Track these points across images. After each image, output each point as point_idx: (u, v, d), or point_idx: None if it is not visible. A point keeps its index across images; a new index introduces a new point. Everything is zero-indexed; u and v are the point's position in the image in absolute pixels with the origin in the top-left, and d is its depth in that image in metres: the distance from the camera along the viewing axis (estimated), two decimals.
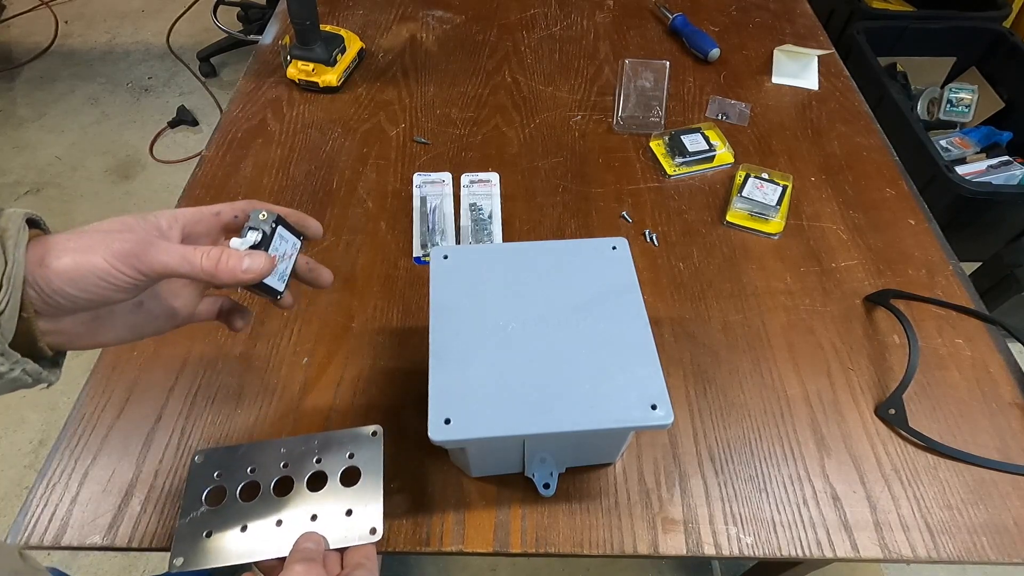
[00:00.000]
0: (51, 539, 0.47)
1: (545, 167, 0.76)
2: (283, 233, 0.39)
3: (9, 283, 0.29)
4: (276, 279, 0.39)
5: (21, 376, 0.31)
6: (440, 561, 1.16)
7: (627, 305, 0.46)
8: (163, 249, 0.32)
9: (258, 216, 0.38)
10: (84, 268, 0.31)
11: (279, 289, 0.39)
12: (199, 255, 0.33)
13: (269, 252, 0.37)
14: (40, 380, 0.33)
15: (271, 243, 0.37)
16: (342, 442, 0.48)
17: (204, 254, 0.33)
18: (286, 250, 0.39)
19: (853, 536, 0.48)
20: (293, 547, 0.42)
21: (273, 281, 0.38)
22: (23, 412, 1.35)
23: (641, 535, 0.48)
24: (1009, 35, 1.64)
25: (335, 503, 0.45)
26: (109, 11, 2.43)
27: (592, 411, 0.40)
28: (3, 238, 0.30)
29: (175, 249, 0.33)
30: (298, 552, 0.41)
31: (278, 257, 0.38)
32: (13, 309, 0.30)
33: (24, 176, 1.83)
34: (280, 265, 0.38)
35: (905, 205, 0.73)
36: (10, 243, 0.30)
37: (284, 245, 0.39)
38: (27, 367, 0.31)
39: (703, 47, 0.91)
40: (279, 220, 0.38)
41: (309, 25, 0.80)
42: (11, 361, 0.30)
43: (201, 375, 0.56)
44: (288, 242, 0.39)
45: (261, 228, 0.37)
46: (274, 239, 0.38)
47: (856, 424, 0.54)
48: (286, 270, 0.40)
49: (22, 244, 0.30)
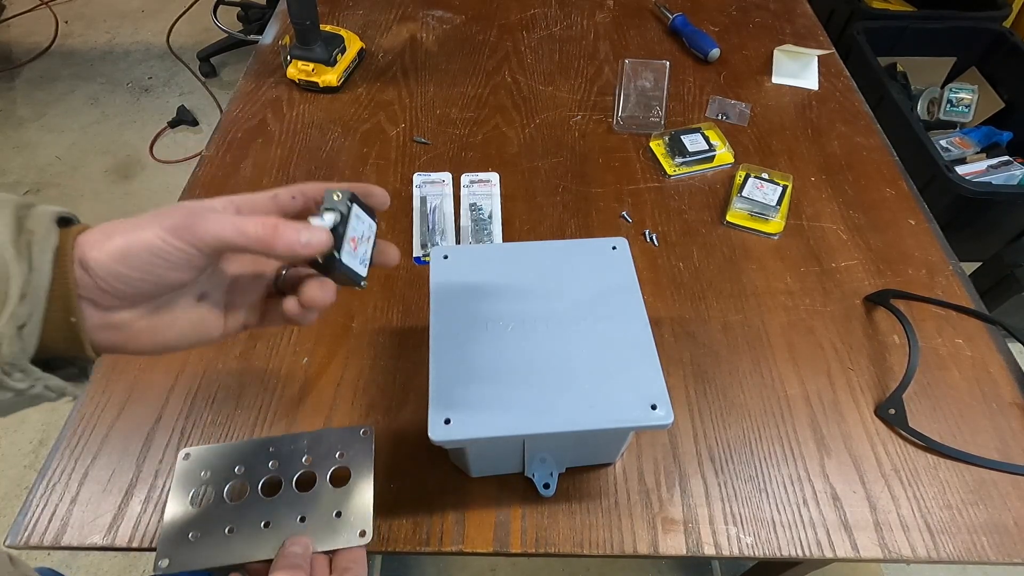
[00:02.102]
0: (51, 539, 0.47)
1: (545, 167, 0.76)
2: (359, 213, 0.35)
3: (34, 293, 0.27)
4: (358, 262, 0.35)
5: (44, 392, 0.29)
6: (440, 561, 1.16)
7: (627, 305, 0.46)
8: (214, 220, 0.30)
9: (332, 196, 0.34)
10: (136, 245, 0.29)
11: (362, 273, 0.36)
12: (252, 223, 0.30)
13: (348, 234, 0.34)
14: (64, 395, 0.31)
15: (348, 223, 0.34)
16: (332, 441, 0.48)
17: (259, 222, 0.30)
18: (363, 231, 0.36)
19: (853, 536, 0.48)
20: (279, 552, 0.41)
21: (355, 264, 0.35)
22: (23, 412, 1.33)
23: (641, 535, 0.48)
24: (1009, 35, 1.64)
25: (324, 504, 0.44)
26: (109, 11, 2.43)
27: (592, 411, 0.40)
28: (30, 243, 0.27)
29: (227, 219, 0.30)
30: (284, 559, 0.40)
31: (357, 239, 0.35)
32: (36, 322, 0.27)
33: (24, 176, 1.83)
34: (360, 248, 0.36)
35: (905, 205, 0.73)
36: (36, 248, 0.27)
37: (361, 226, 0.36)
38: (50, 383, 0.29)
39: (703, 47, 0.91)
40: (354, 199, 0.35)
41: (309, 25, 0.80)
42: (32, 378, 0.28)
43: (201, 375, 0.56)
44: (364, 223, 0.36)
45: (338, 209, 0.34)
46: (351, 219, 0.34)
47: (856, 424, 0.54)
48: (366, 253, 0.37)
49: (48, 250, 0.27)
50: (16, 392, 0.28)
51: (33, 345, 0.28)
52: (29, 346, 0.28)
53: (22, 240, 0.27)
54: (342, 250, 0.34)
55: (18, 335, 0.27)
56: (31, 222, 0.28)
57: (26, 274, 0.27)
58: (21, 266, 0.27)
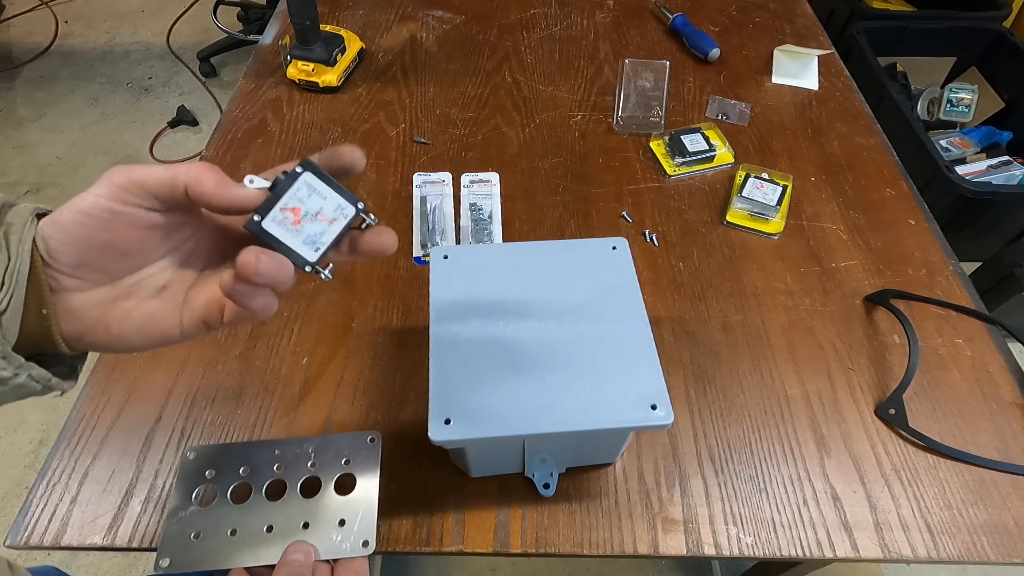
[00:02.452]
0: (51, 539, 0.47)
1: (545, 167, 0.76)
2: (313, 183, 0.31)
3: (12, 280, 0.28)
4: (300, 240, 0.31)
5: (27, 382, 0.29)
6: (440, 561, 1.16)
7: (627, 305, 0.46)
8: (147, 167, 0.30)
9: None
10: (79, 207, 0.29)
11: (304, 255, 0.31)
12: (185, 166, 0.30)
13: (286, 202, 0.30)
14: (51, 387, 0.31)
15: (288, 191, 0.30)
16: (338, 447, 0.47)
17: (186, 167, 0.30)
18: (318, 207, 0.31)
19: (853, 536, 0.48)
20: (282, 558, 0.41)
21: (292, 240, 0.31)
22: (23, 412, 1.35)
23: (641, 535, 0.48)
24: (1009, 35, 1.64)
25: (328, 512, 0.44)
26: (109, 11, 2.43)
27: (592, 411, 0.40)
28: (7, 233, 0.29)
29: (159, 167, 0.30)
30: (287, 566, 0.40)
31: (303, 213, 0.31)
32: (16, 309, 0.28)
33: (24, 176, 1.83)
34: (309, 225, 0.31)
35: (905, 205, 0.73)
36: (14, 238, 0.28)
37: (315, 200, 0.31)
38: (32, 372, 0.30)
39: (703, 47, 0.91)
40: (309, 166, 0.31)
41: (309, 25, 0.80)
42: (14, 365, 0.28)
43: (201, 375, 0.56)
44: (326, 199, 0.31)
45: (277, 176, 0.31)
46: (295, 187, 0.30)
47: (856, 424, 0.54)
48: (322, 234, 0.32)
49: (27, 240, 0.28)
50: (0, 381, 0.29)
51: (14, 333, 0.29)
52: (10, 333, 0.28)
53: (1, 231, 0.29)
54: (267, 215, 0.30)
55: None
56: (11, 215, 0.29)
57: (5, 263, 0.28)
58: (0, 255, 0.28)
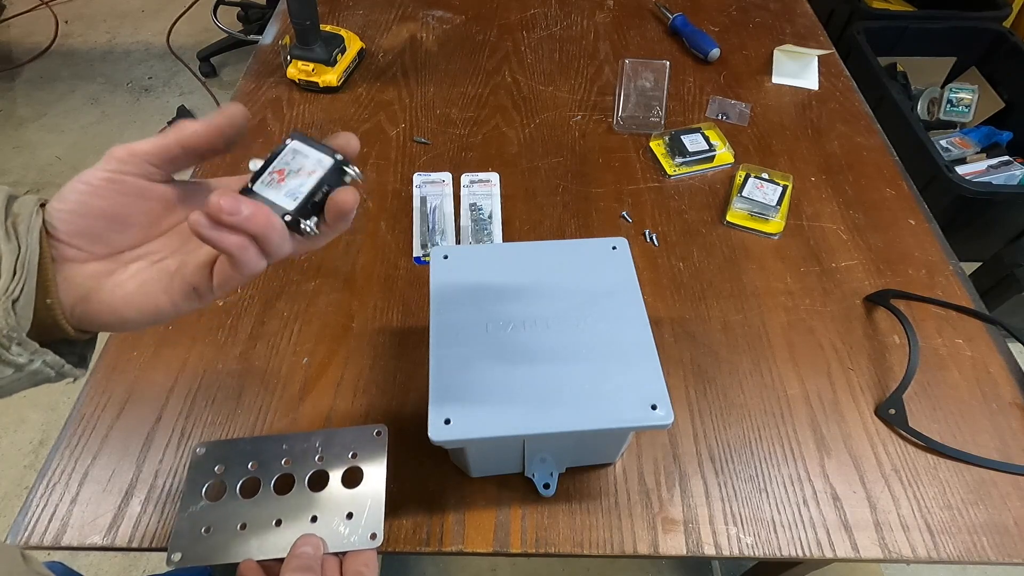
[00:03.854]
0: (51, 539, 0.47)
1: (545, 167, 0.76)
2: (299, 148, 0.34)
3: (24, 269, 0.29)
4: (282, 194, 0.32)
5: (42, 368, 0.30)
6: (440, 561, 1.16)
7: (627, 305, 0.46)
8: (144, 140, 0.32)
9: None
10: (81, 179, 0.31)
11: (283, 205, 0.32)
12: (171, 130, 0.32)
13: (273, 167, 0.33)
14: (64, 374, 0.31)
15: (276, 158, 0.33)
16: (345, 441, 0.48)
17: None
18: (300, 165, 0.33)
19: (853, 536, 0.48)
20: (291, 551, 0.41)
21: (275, 196, 0.32)
22: (23, 412, 1.35)
23: (641, 535, 0.48)
24: (1009, 35, 1.64)
25: (336, 505, 0.44)
26: (109, 11, 2.43)
27: (592, 411, 0.40)
28: (16, 223, 0.29)
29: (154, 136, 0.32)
30: (296, 559, 0.40)
31: (287, 171, 0.33)
32: (28, 296, 0.29)
33: (24, 176, 1.83)
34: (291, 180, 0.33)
35: (905, 205, 0.73)
36: (22, 227, 0.29)
37: (298, 160, 0.34)
38: (47, 358, 0.30)
39: (703, 47, 0.91)
40: (296, 135, 0.34)
41: (309, 25, 0.80)
42: (29, 351, 0.29)
43: (201, 375, 0.56)
44: (310, 158, 0.34)
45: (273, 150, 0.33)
46: (282, 153, 0.33)
47: (856, 424, 0.54)
48: (301, 186, 0.33)
49: (35, 229, 0.29)
50: (16, 367, 0.29)
51: (28, 319, 0.29)
52: (24, 320, 0.29)
53: (8, 222, 0.29)
54: (258, 180, 0.33)
55: (12, 309, 0.28)
56: (16, 206, 0.30)
57: (16, 252, 0.29)
58: (10, 245, 0.29)
